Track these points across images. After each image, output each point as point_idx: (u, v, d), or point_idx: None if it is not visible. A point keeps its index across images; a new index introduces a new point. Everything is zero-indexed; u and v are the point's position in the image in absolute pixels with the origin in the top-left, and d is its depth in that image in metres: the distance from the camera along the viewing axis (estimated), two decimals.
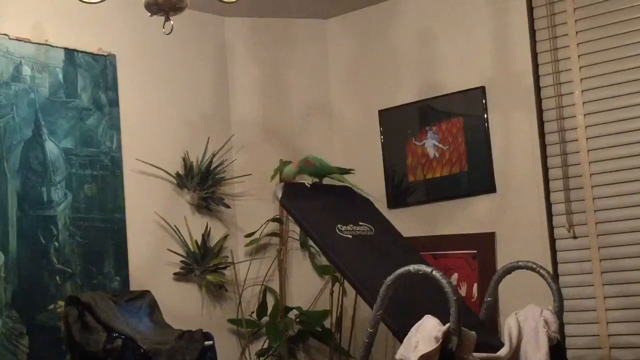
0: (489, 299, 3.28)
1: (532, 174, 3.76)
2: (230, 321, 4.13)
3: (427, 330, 2.63)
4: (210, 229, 4.12)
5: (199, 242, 4.04)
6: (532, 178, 3.76)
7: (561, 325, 3.19)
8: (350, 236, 3.31)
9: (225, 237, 4.17)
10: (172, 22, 2.97)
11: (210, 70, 4.31)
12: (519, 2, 3.81)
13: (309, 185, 3.48)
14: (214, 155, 4.14)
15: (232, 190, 4.26)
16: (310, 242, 4.07)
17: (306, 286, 4.29)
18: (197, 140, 4.12)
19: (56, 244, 3.48)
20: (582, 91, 3.65)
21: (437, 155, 4.05)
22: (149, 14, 2.99)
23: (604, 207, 3.59)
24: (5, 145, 3.36)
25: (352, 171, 3.57)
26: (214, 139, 4.19)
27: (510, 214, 3.82)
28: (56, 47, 3.60)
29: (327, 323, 4.16)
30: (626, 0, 3.56)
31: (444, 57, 4.08)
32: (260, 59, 4.44)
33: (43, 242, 3.44)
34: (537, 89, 3.79)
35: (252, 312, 4.18)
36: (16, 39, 3.46)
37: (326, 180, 3.61)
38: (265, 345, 4.10)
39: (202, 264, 4.02)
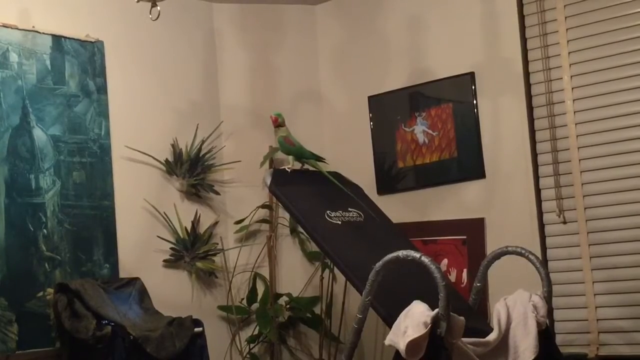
0: (478, 284, 3.29)
1: (522, 159, 3.76)
2: (220, 308, 4.13)
3: (416, 316, 2.64)
4: (199, 215, 4.11)
5: (189, 229, 4.03)
6: (522, 164, 3.76)
7: (550, 310, 3.19)
8: (340, 222, 3.31)
9: (215, 224, 4.17)
10: (159, 8, 2.97)
11: (199, 57, 4.29)
12: None
13: (289, 170, 3.47)
14: (203, 141, 4.13)
15: (222, 176, 4.25)
16: (300, 229, 4.07)
17: (296, 273, 4.29)
18: (186, 127, 4.11)
19: (45, 231, 3.46)
20: (572, 76, 3.65)
21: (426, 141, 4.05)
22: None
23: (593, 192, 3.60)
24: None
25: (324, 160, 3.58)
26: (203, 125, 4.17)
27: (499, 200, 3.82)
28: (43, 33, 3.57)
29: (317, 309, 4.17)
30: None
31: (433, 43, 4.07)
32: (249, 45, 4.42)
33: (32, 229, 3.42)
34: (527, 74, 3.78)
35: (242, 299, 4.18)
36: (3, 26, 3.43)
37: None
38: (256, 332, 4.11)
39: (191, 250, 4.02)
